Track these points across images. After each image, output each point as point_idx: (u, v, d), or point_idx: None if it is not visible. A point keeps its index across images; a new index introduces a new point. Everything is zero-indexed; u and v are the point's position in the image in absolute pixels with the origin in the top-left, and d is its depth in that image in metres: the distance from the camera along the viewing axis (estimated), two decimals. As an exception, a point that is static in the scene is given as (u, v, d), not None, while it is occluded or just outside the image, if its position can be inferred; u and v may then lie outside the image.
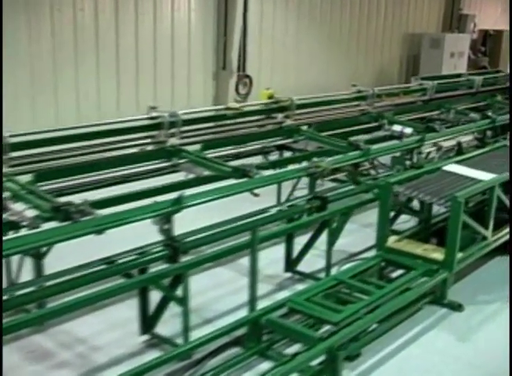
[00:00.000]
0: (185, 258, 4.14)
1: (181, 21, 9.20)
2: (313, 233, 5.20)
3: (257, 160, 6.18)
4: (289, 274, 5.43)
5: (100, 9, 8.13)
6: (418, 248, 5.16)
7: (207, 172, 5.13)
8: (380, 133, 7.25)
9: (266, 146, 6.07)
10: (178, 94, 9.30)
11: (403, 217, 6.20)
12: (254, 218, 4.63)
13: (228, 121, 6.12)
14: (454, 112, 8.28)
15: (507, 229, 5.70)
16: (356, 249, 6.10)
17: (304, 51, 11.43)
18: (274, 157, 6.41)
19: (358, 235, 6.34)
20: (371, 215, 5.80)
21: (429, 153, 7.21)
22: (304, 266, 5.46)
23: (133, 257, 4.11)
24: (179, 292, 4.07)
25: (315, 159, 5.08)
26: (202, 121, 5.75)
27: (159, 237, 4.21)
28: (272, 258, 5.55)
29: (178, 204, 4.03)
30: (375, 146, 6.39)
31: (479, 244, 5.31)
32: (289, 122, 6.45)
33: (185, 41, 9.32)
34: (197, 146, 5.56)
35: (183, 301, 4.02)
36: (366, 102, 7.46)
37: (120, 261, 4.08)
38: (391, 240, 5.28)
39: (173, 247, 4.05)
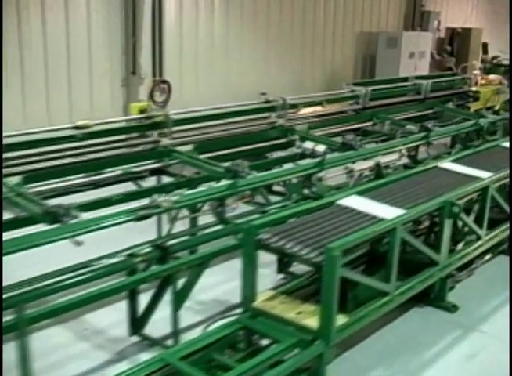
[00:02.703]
0: None
1: (77, 19, 7.98)
2: (156, 290, 4.04)
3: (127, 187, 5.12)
4: (135, 338, 4.28)
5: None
6: (292, 310, 3.97)
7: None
8: (296, 150, 6.13)
9: (128, 171, 4.92)
10: (78, 104, 8.11)
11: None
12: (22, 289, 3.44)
13: (83, 143, 4.96)
14: (389, 123, 7.15)
15: (424, 276, 4.57)
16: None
17: (236, 52, 10.17)
18: (151, 183, 5.33)
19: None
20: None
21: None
22: (161, 327, 4.31)
23: None
24: None
25: (155, 196, 3.91)
26: (29, 145, 4.58)
27: None
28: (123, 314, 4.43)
29: None
30: (272, 170, 5.28)
31: (377, 302, 4.16)
32: (165, 142, 5.29)
33: (85, 42, 8.11)
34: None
35: None
36: (276, 113, 6.29)
37: None
38: (263, 297, 4.10)
39: None
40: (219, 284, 5.14)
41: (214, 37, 9.79)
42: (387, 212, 4.37)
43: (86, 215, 3.73)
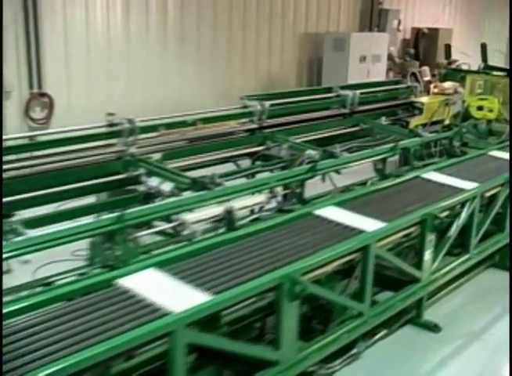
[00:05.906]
0: None
1: None
2: None
3: None
4: None
5: None
6: None
7: None
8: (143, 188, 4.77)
9: None
10: None
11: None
12: None
13: None
14: (287, 147, 5.75)
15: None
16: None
17: (141, 57, 8.75)
18: None
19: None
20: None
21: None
22: None
23: None
24: None
25: None
26: None
27: None
28: None
29: None
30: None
31: None
32: None
33: None
34: None
35: None
36: (123, 140, 4.93)
37: None
38: None
39: None
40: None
41: (111, 39, 8.36)
42: (185, 299, 2.99)
43: None
